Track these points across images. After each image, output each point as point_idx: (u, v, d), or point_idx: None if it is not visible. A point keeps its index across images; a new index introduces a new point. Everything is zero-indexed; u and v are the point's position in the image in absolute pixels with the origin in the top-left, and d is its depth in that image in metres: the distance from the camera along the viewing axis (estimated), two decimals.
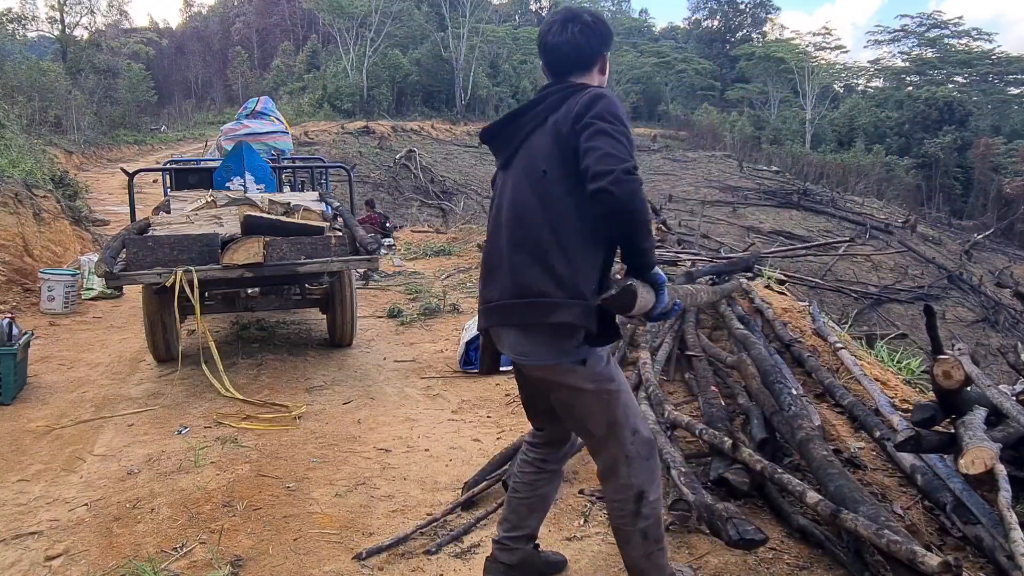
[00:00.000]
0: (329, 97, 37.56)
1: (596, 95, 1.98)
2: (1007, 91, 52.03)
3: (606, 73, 2.21)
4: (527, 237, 1.99)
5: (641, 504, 2.07)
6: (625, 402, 2.07)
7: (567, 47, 2.10)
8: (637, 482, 2.06)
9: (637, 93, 51.02)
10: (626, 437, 2.05)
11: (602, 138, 1.88)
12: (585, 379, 2.01)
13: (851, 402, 3.84)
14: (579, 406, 2.06)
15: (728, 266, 6.90)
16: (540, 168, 1.99)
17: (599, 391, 2.02)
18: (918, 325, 14.23)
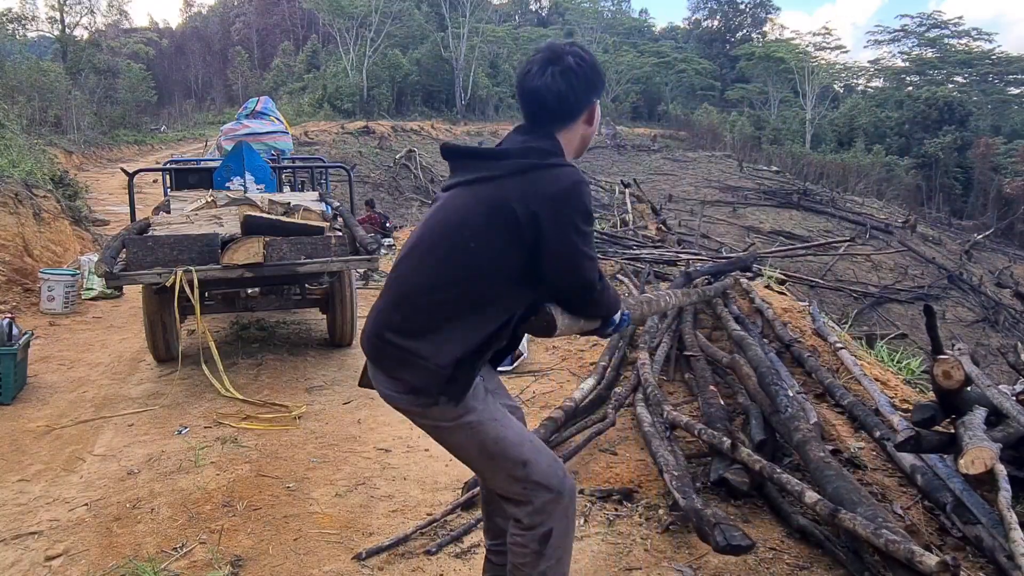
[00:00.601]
0: (329, 97, 37.56)
1: (572, 185, 1.75)
2: (1007, 91, 52.05)
3: (593, 124, 1.92)
4: (421, 289, 1.79)
5: (546, 545, 1.86)
6: (496, 434, 1.83)
7: (547, 95, 1.81)
8: (544, 520, 1.85)
9: (637, 93, 51.04)
10: (512, 470, 1.84)
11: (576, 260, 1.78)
12: (441, 417, 1.81)
13: (851, 402, 3.84)
14: (446, 442, 1.91)
15: (726, 266, 6.90)
16: (468, 240, 1.75)
17: (458, 426, 1.83)
18: (918, 325, 14.24)
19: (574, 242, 1.76)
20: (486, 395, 1.89)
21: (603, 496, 3.06)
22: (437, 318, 1.77)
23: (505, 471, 1.85)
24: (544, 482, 1.85)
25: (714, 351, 4.63)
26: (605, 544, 2.70)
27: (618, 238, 11.13)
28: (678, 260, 8.92)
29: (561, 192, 1.74)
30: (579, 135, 1.90)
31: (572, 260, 1.78)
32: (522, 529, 1.88)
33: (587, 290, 1.85)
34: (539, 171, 1.76)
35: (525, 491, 1.85)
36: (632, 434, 3.72)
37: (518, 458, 1.84)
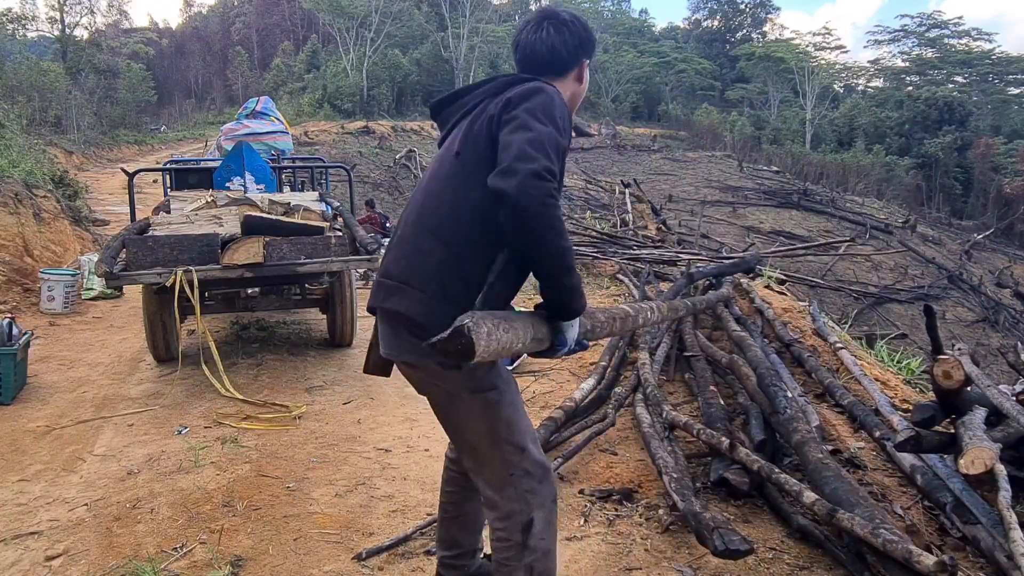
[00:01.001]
0: (329, 97, 37.57)
1: (536, 88, 1.75)
2: (1007, 91, 52.04)
3: (583, 82, 1.96)
4: (420, 219, 1.80)
5: (529, 535, 1.83)
6: (509, 416, 1.82)
7: (540, 47, 1.89)
8: (525, 508, 1.82)
9: (637, 93, 51.00)
10: (510, 455, 1.82)
11: (521, 133, 1.64)
12: (461, 383, 1.77)
13: (851, 402, 3.85)
14: (455, 414, 1.86)
15: (729, 267, 6.89)
16: (455, 150, 1.78)
17: (476, 399, 1.80)
18: (918, 325, 14.23)
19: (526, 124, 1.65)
20: (509, 378, 1.89)
21: (603, 496, 3.06)
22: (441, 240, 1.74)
23: (502, 455, 1.83)
24: (533, 470, 1.84)
25: (714, 351, 4.63)
26: (605, 544, 2.70)
27: (618, 238, 11.12)
28: (678, 260, 8.91)
29: (526, 90, 1.74)
30: (569, 91, 1.92)
31: (518, 148, 1.62)
32: (502, 520, 1.85)
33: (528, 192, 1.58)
34: (517, 85, 1.79)
35: (512, 476, 1.82)
36: (632, 434, 3.72)
37: (520, 444, 1.84)
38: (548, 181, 1.59)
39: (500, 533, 1.87)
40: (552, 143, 1.65)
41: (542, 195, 1.57)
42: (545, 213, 1.58)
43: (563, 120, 1.73)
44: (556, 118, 1.71)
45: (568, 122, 1.78)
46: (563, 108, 1.76)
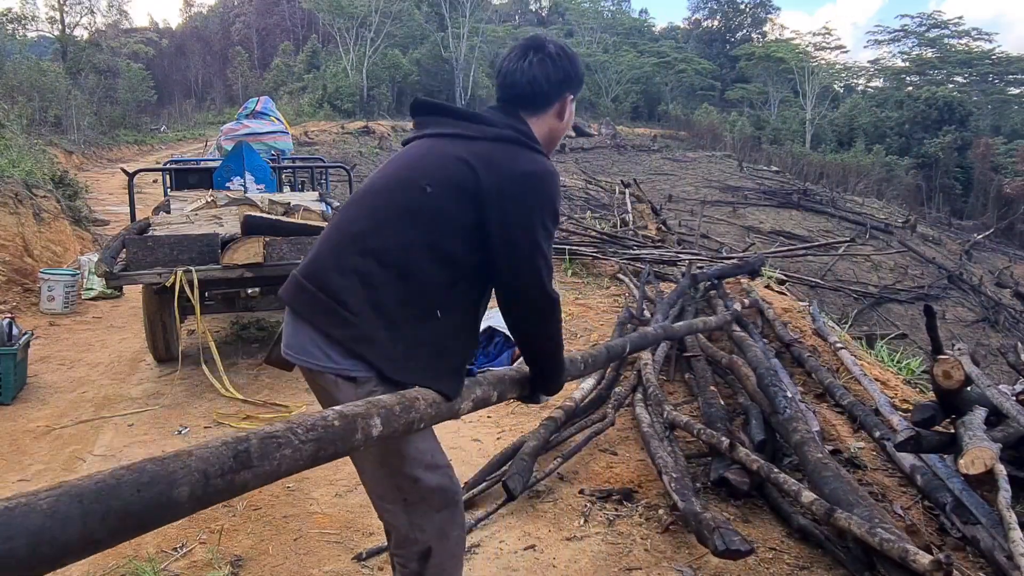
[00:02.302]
0: (329, 97, 37.56)
1: (547, 174, 1.67)
2: (1007, 91, 52.03)
3: (565, 119, 1.84)
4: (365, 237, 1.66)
5: (426, 565, 1.75)
6: (399, 446, 1.68)
7: (521, 78, 1.77)
8: (422, 537, 1.74)
9: (637, 93, 50.99)
10: (401, 480, 1.72)
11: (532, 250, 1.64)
12: (351, 399, 1.65)
13: (851, 402, 3.85)
14: None
15: (732, 269, 6.89)
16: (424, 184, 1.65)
17: None
18: (918, 325, 14.22)
19: (535, 231, 1.63)
20: None
21: (603, 496, 3.06)
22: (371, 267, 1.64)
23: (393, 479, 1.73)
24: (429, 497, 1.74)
25: (714, 351, 4.63)
26: (605, 544, 2.70)
27: (618, 238, 11.12)
28: (678, 260, 8.91)
29: (534, 176, 1.66)
30: (547, 127, 1.82)
31: (529, 252, 1.63)
32: (398, 546, 1.79)
33: (538, 292, 1.67)
34: (518, 147, 1.69)
35: (405, 502, 1.74)
36: (632, 434, 3.72)
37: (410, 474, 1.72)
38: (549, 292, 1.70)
39: (399, 559, 1.80)
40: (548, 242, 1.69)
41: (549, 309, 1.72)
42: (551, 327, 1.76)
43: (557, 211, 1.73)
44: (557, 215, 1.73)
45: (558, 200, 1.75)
46: (557, 192, 1.72)
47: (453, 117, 1.79)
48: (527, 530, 2.80)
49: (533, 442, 3.24)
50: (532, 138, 1.75)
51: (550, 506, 3.00)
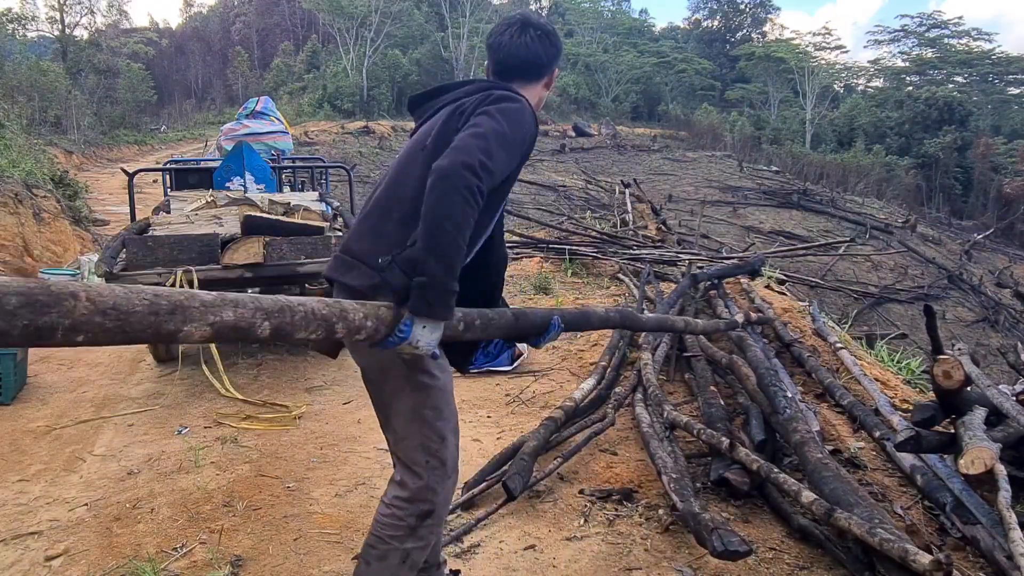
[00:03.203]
0: (329, 97, 37.56)
1: (506, 95, 1.83)
2: (1007, 91, 52.02)
3: (550, 89, 2.09)
4: (385, 202, 1.86)
5: (423, 523, 1.86)
6: (437, 403, 1.85)
7: (523, 52, 1.97)
8: (431, 497, 1.86)
9: (637, 93, 51.00)
10: (429, 440, 1.85)
11: (474, 129, 1.70)
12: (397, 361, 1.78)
13: (851, 402, 3.85)
14: (385, 387, 1.87)
15: (733, 269, 6.89)
16: (424, 143, 1.85)
17: (411, 377, 1.82)
18: (918, 325, 14.22)
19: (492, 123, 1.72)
20: (444, 366, 1.91)
21: (603, 496, 3.06)
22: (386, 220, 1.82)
23: (422, 439, 1.85)
24: (447, 463, 1.89)
25: (714, 351, 4.64)
26: (605, 544, 2.70)
27: (618, 238, 11.12)
28: (678, 260, 8.91)
29: (504, 96, 1.82)
30: (538, 96, 2.03)
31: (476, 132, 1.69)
32: (406, 501, 1.86)
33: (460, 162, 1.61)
34: (496, 90, 1.85)
35: (427, 464, 1.86)
36: (632, 434, 3.72)
37: (441, 432, 1.87)
38: (475, 176, 1.61)
39: (397, 511, 1.87)
40: (500, 144, 1.70)
41: (463, 184, 1.60)
42: (454, 201, 1.59)
43: (524, 133, 1.79)
44: (515, 122, 1.77)
45: (529, 139, 1.83)
46: (530, 123, 1.83)
47: (443, 91, 1.98)
48: (527, 530, 2.80)
49: (533, 442, 3.24)
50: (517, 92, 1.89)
51: (550, 506, 3.00)
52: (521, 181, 26.17)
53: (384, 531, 1.88)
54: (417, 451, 1.86)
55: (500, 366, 5.08)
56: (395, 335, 1.62)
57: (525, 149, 1.84)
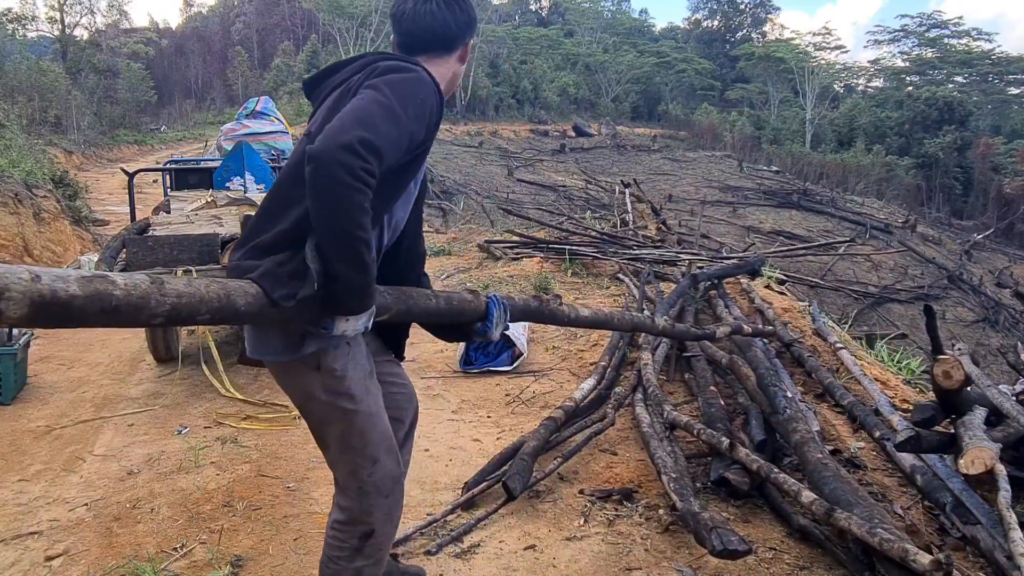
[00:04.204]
0: None
1: (395, 66, 1.65)
2: (1007, 91, 52.07)
3: (464, 63, 1.90)
4: (274, 202, 1.70)
5: (366, 543, 1.84)
6: (362, 427, 1.78)
7: (430, 20, 1.77)
8: (368, 519, 1.82)
9: (637, 93, 51.05)
10: (359, 467, 1.80)
11: (357, 103, 1.53)
12: (318, 387, 1.72)
13: (851, 402, 3.85)
14: (312, 414, 1.81)
15: (733, 268, 6.89)
16: (311, 131, 1.70)
17: (332, 406, 1.74)
18: (918, 325, 14.22)
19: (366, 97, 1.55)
20: (369, 382, 1.82)
21: (603, 496, 3.06)
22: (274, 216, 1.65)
23: (352, 466, 1.80)
24: (382, 485, 1.82)
25: (714, 351, 4.63)
26: (605, 544, 2.70)
27: (618, 238, 11.12)
28: (678, 260, 8.91)
29: (395, 66, 1.65)
30: (451, 71, 1.86)
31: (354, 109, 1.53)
32: (345, 524, 1.84)
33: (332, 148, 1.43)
34: (384, 62, 1.69)
35: (359, 490, 1.81)
36: (632, 434, 3.72)
37: (371, 456, 1.80)
38: (354, 156, 1.43)
39: (339, 534, 1.86)
40: (386, 118, 1.52)
41: (341, 168, 1.42)
42: (336, 189, 1.43)
43: (421, 104, 1.62)
44: (406, 96, 1.59)
45: (433, 110, 1.66)
46: (428, 93, 1.65)
47: (335, 71, 1.79)
48: (527, 530, 2.80)
49: (533, 442, 3.24)
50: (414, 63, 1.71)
51: (550, 506, 3.00)
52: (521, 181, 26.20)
53: (332, 552, 1.88)
54: (349, 477, 1.82)
55: (500, 366, 5.08)
56: (320, 331, 1.60)
57: (427, 122, 1.65)
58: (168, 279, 1.32)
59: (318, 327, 1.59)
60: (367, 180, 1.46)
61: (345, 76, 1.74)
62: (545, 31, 52.99)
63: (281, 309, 1.50)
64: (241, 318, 1.48)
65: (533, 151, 32.77)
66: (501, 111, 42.66)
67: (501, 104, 42.91)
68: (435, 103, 1.67)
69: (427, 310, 1.84)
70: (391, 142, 1.52)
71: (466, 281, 8.89)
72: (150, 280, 1.27)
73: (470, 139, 34.06)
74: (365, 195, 1.46)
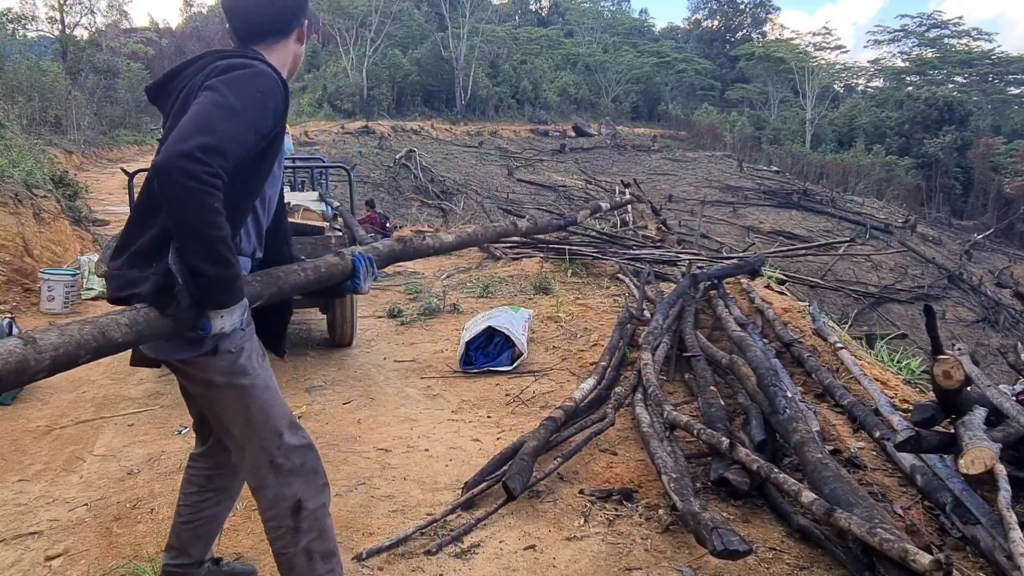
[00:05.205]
0: (329, 97, 37.55)
1: (232, 63, 1.69)
2: (1007, 91, 52.03)
3: (304, 42, 1.93)
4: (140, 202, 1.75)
5: (299, 517, 1.87)
6: (263, 401, 1.84)
7: (259, 8, 1.80)
8: (290, 492, 1.86)
9: (637, 93, 51.01)
10: (267, 441, 1.85)
11: (196, 109, 1.57)
12: (216, 371, 1.77)
13: (851, 402, 3.85)
14: (213, 403, 1.86)
15: (733, 268, 6.89)
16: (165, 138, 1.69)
17: (230, 385, 1.80)
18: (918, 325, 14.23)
19: (207, 100, 1.59)
20: (263, 360, 1.90)
21: (603, 496, 3.06)
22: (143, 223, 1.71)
23: (260, 441, 1.85)
24: (292, 454, 1.87)
25: (714, 351, 4.64)
26: (605, 544, 2.70)
27: (618, 238, 11.13)
28: (678, 260, 8.91)
29: (232, 64, 1.69)
30: (292, 53, 1.91)
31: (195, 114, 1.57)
32: (270, 508, 1.88)
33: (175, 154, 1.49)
34: (222, 60, 1.72)
35: (272, 463, 1.85)
36: (632, 434, 3.72)
37: (275, 429, 1.86)
38: (196, 163, 1.49)
39: (271, 523, 1.90)
40: (225, 117, 1.58)
41: (185, 176, 1.48)
42: (184, 196, 1.49)
43: (262, 96, 1.66)
44: (247, 94, 1.64)
45: (276, 98, 1.71)
46: (268, 84, 1.70)
47: (176, 75, 1.82)
48: (527, 530, 2.80)
49: (533, 442, 3.24)
50: (254, 58, 1.75)
51: (550, 506, 3.00)
52: (521, 181, 26.21)
53: (276, 545, 1.92)
54: (260, 455, 1.86)
55: (500, 366, 5.08)
56: (198, 333, 1.66)
57: (271, 111, 1.70)
58: (40, 335, 1.38)
59: (196, 330, 1.66)
60: (213, 182, 1.52)
61: (187, 79, 1.77)
62: (545, 31, 52.98)
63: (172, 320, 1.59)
64: (123, 347, 1.55)
65: (533, 151, 32.78)
66: (501, 111, 42.64)
67: (501, 104, 42.89)
68: (278, 91, 1.72)
69: (298, 285, 1.90)
70: (233, 138, 1.58)
71: (466, 282, 8.90)
72: (23, 342, 1.34)
73: (470, 139, 34.06)
74: (214, 196, 1.53)
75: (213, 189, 1.52)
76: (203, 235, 1.54)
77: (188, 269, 1.58)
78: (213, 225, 1.54)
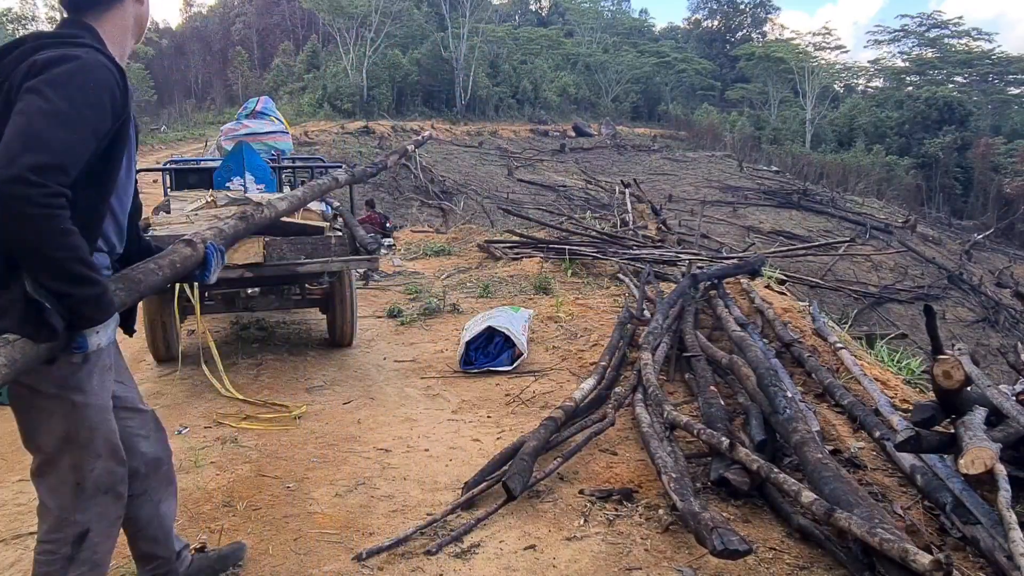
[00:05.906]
0: (329, 97, 37.54)
1: (53, 58, 1.51)
2: (1007, 91, 52.05)
3: (145, 3, 1.79)
4: None
5: (80, 548, 1.74)
6: (94, 422, 1.73)
7: None
8: (83, 518, 1.73)
9: (637, 93, 51.02)
10: (84, 461, 1.73)
11: (20, 120, 1.43)
12: (47, 381, 1.65)
13: (851, 402, 3.85)
14: (31, 411, 1.72)
15: (733, 268, 6.90)
16: None
17: (59, 398, 1.68)
18: (918, 325, 14.23)
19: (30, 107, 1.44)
20: (103, 381, 1.77)
21: (603, 496, 3.06)
22: None
23: (75, 460, 1.73)
24: (103, 480, 1.77)
25: (714, 351, 4.64)
26: (605, 544, 2.70)
27: (618, 238, 11.13)
28: (678, 260, 8.92)
29: (55, 58, 1.51)
30: (132, 15, 1.76)
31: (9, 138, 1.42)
32: (53, 531, 1.75)
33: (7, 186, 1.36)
34: (41, 54, 1.54)
35: (79, 486, 1.74)
36: (632, 434, 3.73)
37: (96, 451, 1.74)
38: (32, 185, 1.37)
39: (46, 545, 1.76)
40: (58, 125, 1.44)
41: (21, 203, 1.36)
42: (25, 224, 1.38)
43: (95, 93, 1.53)
44: (79, 94, 1.49)
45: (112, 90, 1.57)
46: (100, 78, 1.55)
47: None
48: (527, 530, 2.80)
49: (533, 442, 3.24)
50: (76, 36, 1.61)
51: (550, 506, 3.00)
52: (521, 181, 26.21)
53: (40, 568, 1.76)
54: (68, 473, 1.74)
55: (500, 366, 5.08)
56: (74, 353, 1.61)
57: (110, 106, 1.57)
58: None
59: (70, 349, 1.60)
60: (54, 202, 1.41)
61: (4, 73, 1.58)
62: (545, 31, 52.96)
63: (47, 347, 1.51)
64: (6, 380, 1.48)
65: (533, 151, 32.77)
66: (501, 111, 42.63)
67: (501, 104, 42.88)
68: (112, 81, 1.58)
69: (156, 285, 1.81)
70: (70, 149, 1.46)
71: (466, 282, 8.90)
72: None
73: (470, 139, 34.04)
74: (58, 218, 1.42)
75: (56, 210, 1.41)
76: (54, 259, 1.44)
77: (50, 293, 1.48)
78: (64, 247, 1.43)
